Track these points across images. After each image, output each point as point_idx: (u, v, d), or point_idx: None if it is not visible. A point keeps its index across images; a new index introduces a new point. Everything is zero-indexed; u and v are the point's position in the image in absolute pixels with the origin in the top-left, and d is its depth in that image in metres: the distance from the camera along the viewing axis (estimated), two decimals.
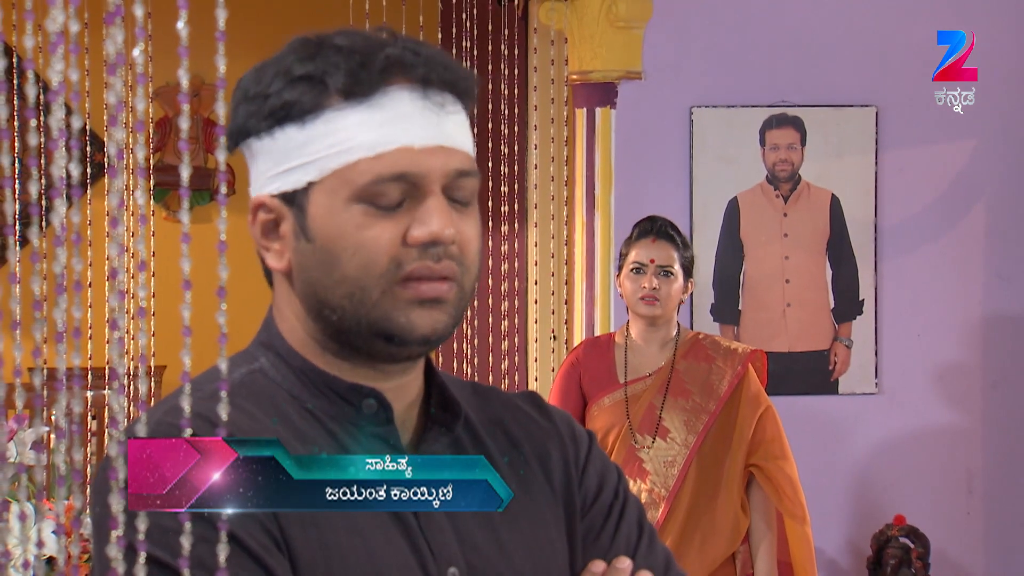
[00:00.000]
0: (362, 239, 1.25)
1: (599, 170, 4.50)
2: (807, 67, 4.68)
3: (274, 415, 1.27)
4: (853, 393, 4.75)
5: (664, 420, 3.49)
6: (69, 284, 0.86)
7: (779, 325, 4.71)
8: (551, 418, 1.44)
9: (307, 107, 1.25)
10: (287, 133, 1.26)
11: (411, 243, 1.25)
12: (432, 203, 1.26)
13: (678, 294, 3.50)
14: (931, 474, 4.78)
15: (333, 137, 1.25)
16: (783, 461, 3.47)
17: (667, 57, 4.60)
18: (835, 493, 4.74)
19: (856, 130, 4.70)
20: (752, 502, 3.50)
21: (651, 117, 4.62)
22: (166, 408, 1.23)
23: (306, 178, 1.26)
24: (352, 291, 1.25)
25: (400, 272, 1.25)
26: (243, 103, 1.28)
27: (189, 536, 1.03)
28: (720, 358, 3.51)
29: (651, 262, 3.46)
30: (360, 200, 1.25)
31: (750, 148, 4.69)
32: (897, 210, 4.75)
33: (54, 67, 0.97)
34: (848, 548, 4.78)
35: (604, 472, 1.43)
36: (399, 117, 1.25)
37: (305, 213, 1.26)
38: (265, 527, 1.20)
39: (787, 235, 4.71)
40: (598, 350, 3.60)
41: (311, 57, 1.26)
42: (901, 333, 4.76)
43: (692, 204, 4.67)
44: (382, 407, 1.30)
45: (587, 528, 1.40)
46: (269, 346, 1.33)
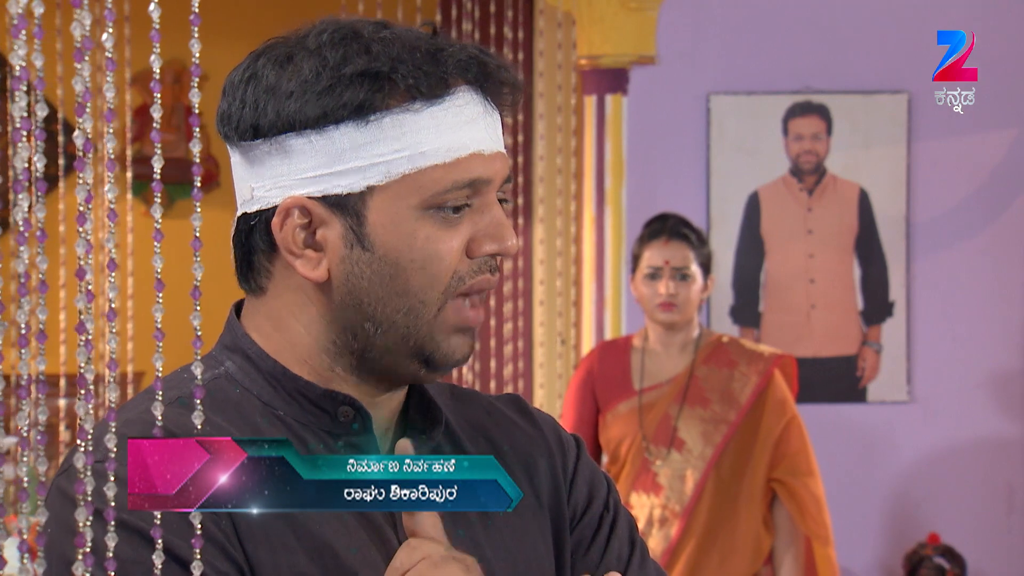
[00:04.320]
0: (432, 251, 1.26)
1: (610, 162, 4.51)
2: (833, 50, 4.68)
3: (240, 423, 1.27)
4: (883, 401, 4.76)
5: (680, 431, 3.49)
6: (32, 285, 0.86)
7: (803, 328, 4.71)
8: (536, 423, 1.44)
9: (371, 105, 1.24)
10: (343, 132, 1.25)
11: (478, 255, 1.28)
12: (498, 213, 1.28)
13: (697, 296, 3.51)
14: (968, 489, 4.78)
15: (403, 139, 1.25)
16: (808, 477, 3.48)
17: (683, 40, 4.61)
18: (864, 509, 4.74)
19: (886, 118, 4.70)
20: (776, 520, 3.51)
21: (665, 105, 4.63)
22: (124, 419, 1.23)
23: (366, 182, 1.25)
24: (412, 305, 1.27)
25: (460, 286, 1.28)
26: (271, 95, 1.26)
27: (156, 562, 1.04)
28: (744, 362, 3.52)
29: (666, 264, 3.47)
30: (430, 208, 1.26)
31: (772, 138, 4.69)
32: (931, 205, 4.75)
33: (16, 52, 0.98)
34: (879, 568, 4.78)
35: (594, 481, 1.44)
36: (468, 121, 1.27)
37: (363, 220, 1.26)
38: (227, 552, 1.21)
39: (812, 232, 4.71)
40: (614, 354, 3.62)
41: (365, 50, 1.25)
42: (935, 337, 4.76)
43: (709, 198, 4.68)
44: (359, 415, 1.30)
45: (576, 542, 1.41)
46: (235, 349, 1.33)
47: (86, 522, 0.97)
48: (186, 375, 1.32)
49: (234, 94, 1.28)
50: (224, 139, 1.32)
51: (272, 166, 1.27)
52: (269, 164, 1.27)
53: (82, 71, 0.94)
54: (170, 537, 1.15)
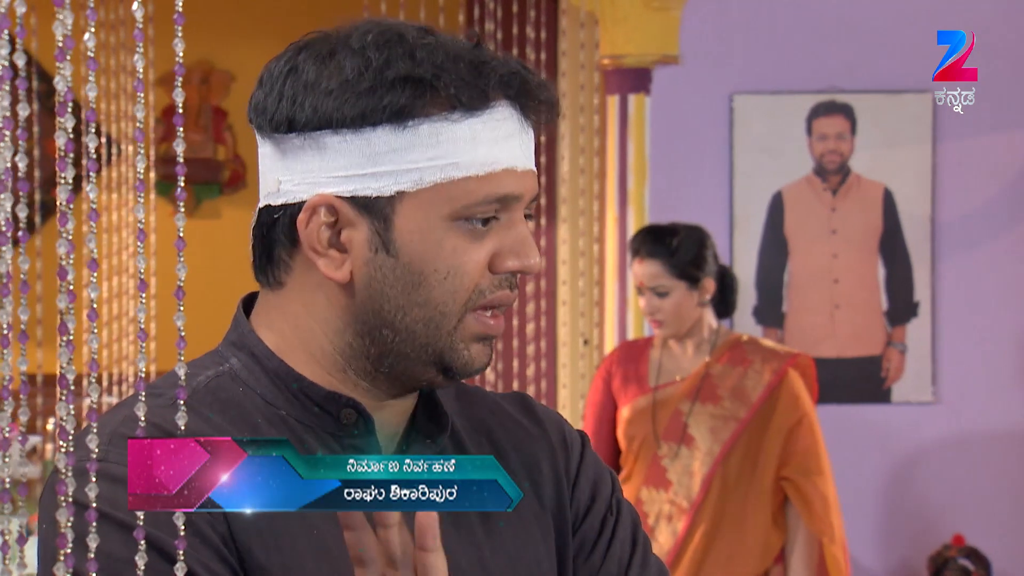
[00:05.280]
0: (457, 263, 1.26)
1: (632, 162, 4.52)
2: (858, 50, 4.69)
3: (240, 423, 1.27)
4: (908, 402, 4.76)
5: (690, 427, 3.53)
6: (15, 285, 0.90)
7: (827, 328, 4.73)
8: (541, 424, 1.44)
9: (410, 111, 1.24)
10: (380, 134, 1.25)
11: (501, 271, 1.28)
12: (523, 230, 1.29)
13: (682, 306, 3.54)
14: (993, 490, 4.78)
15: (439, 148, 1.25)
16: (818, 476, 3.49)
17: (706, 40, 4.63)
18: (888, 510, 4.75)
19: (911, 118, 4.71)
20: (788, 519, 3.53)
21: (689, 105, 4.65)
22: (120, 418, 1.24)
23: (397, 187, 1.25)
24: (432, 316, 1.27)
25: (480, 300, 1.28)
26: (310, 91, 1.26)
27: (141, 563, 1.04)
28: (758, 360, 3.54)
29: (641, 284, 3.54)
30: (458, 219, 1.26)
31: (796, 138, 4.71)
32: (956, 205, 4.75)
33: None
34: (903, 569, 4.79)
35: (597, 481, 1.43)
36: (505, 136, 1.27)
37: (390, 225, 1.26)
38: (221, 554, 1.21)
39: (836, 232, 4.73)
40: (633, 353, 3.68)
41: (409, 55, 1.25)
42: (960, 337, 4.76)
43: (733, 198, 4.70)
44: (361, 417, 1.30)
45: (579, 545, 1.40)
46: (241, 346, 1.33)
47: (67, 523, 0.97)
48: (189, 372, 1.30)
49: (272, 85, 1.28)
50: (256, 129, 1.31)
51: (304, 161, 1.27)
52: (301, 159, 1.27)
53: (63, 70, 0.94)
54: (160, 535, 1.16)
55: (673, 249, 3.53)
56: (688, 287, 3.53)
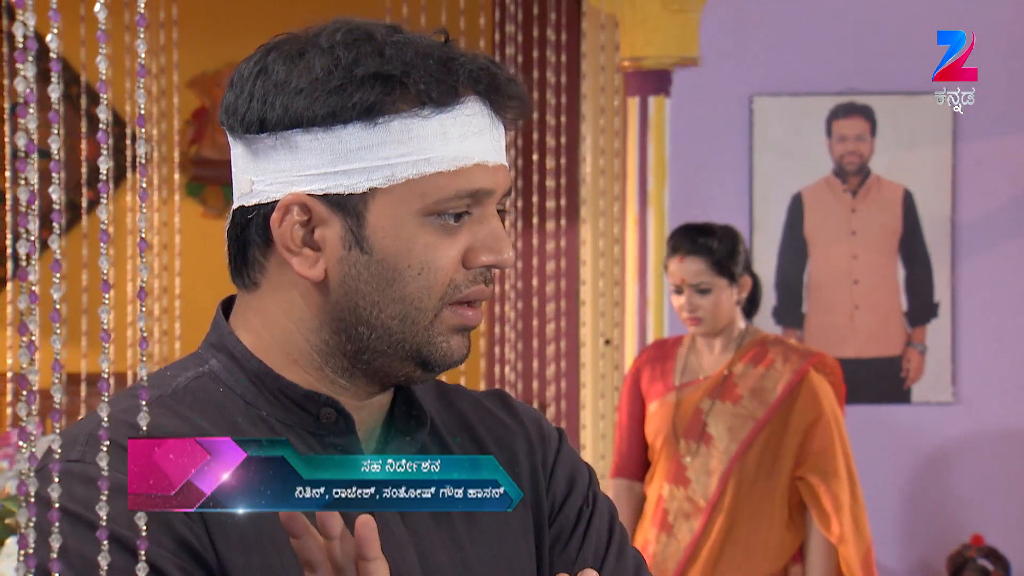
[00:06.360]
0: (430, 259, 1.28)
1: (652, 163, 4.57)
2: (877, 51, 4.72)
3: (220, 423, 1.28)
4: (928, 402, 4.79)
5: (708, 426, 3.59)
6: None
7: (847, 329, 4.76)
8: (519, 418, 1.46)
9: (380, 108, 1.26)
10: (350, 131, 1.26)
11: (474, 266, 1.30)
12: (496, 225, 1.30)
13: (721, 303, 3.59)
14: (1013, 490, 4.80)
15: (410, 144, 1.26)
16: (833, 478, 3.52)
17: (725, 42, 4.67)
18: (908, 510, 4.78)
19: (931, 119, 4.73)
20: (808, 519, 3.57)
21: (708, 106, 4.69)
22: (98, 421, 1.23)
23: (369, 184, 1.27)
24: (407, 312, 1.28)
25: (456, 295, 1.29)
26: (280, 90, 1.27)
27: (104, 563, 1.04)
28: (780, 360, 3.59)
29: (682, 282, 3.57)
30: (431, 215, 1.28)
31: (815, 139, 4.74)
32: (975, 206, 4.77)
33: None
34: (922, 569, 4.82)
35: (574, 474, 1.45)
36: (475, 132, 1.29)
37: (363, 222, 1.27)
38: (198, 557, 1.22)
39: (855, 233, 4.75)
40: (662, 352, 3.76)
41: (378, 53, 1.27)
42: (980, 338, 4.79)
43: (752, 200, 4.73)
44: (341, 416, 1.31)
45: (555, 537, 1.43)
46: (220, 347, 1.34)
47: (28, 523, 0.96)
48: (169, 374, 1.34)
49: (242, 87, 1.29)
50: (227, 131, 1.32)
51: (275, 160, 1.28)
52: (272, 158, 1.28)
53: (24, 71, 0.94)
54: (129, 535, 1.16)
55: (714, 247, 3.58)
56: (728, 284, 3.59)
